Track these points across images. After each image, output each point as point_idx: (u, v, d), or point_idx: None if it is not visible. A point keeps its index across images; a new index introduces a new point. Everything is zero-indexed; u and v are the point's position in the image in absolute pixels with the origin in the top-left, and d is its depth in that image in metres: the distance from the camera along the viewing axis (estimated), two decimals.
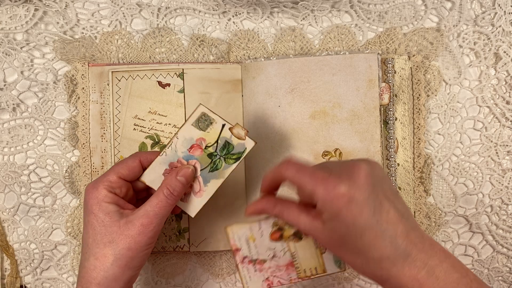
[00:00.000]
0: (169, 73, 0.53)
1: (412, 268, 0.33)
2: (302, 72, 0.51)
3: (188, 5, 0.54)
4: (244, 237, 0.44)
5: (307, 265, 0.43)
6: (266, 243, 0.44)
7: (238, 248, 0.44)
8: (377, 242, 0.34)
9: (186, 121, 0.44)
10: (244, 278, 0.44)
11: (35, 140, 0.55)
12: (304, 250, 0.43)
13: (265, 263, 0.44)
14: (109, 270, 0.40)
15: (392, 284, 0.34)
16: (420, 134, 0.52)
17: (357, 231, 0.34)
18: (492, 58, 0.54)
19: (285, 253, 0.44)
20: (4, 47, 0.54)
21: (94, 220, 0.41)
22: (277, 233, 0.44)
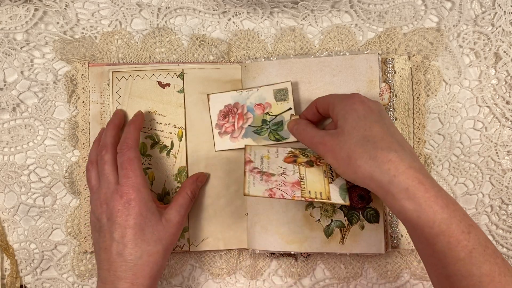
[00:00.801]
0: (169, 73, 0.53)
1: (420, 173, 0.36)
2: (302, 73, 0.51)
3: (188, 5, 0.54)
4: (260, 154, 0.47)
5: (312, 188, 0.44)
6: (279, 163, 0.46)
7: (251, 160, 0.46)
8: (386, 135, 0.39)
9: (272, 85, 0.50)
10: (248, 183, 0.44)
11: (35, 140, 0.55)
12: (313, 175, 0.45)
13: (273, 176, 0.45)
14: (159, 263, 0.45)
15: (400, 181, 0.36)
16: (420, 134, 0.52)
17: (368, 122, 0.40)
18: (492, 58, 0.54)
19: (295, 173, 0.45)
20: (4, 47, 0.54)
21: (143, 222, 0.44)
22: (291, 158, 0.47)
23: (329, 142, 0.41)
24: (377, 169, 0.37)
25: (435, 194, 0.36)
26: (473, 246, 0.35)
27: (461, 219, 0.36)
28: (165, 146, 0.53)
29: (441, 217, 0.35)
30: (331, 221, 0.50)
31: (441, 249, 0.35)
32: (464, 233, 0.35)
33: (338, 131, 0.41)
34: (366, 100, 0.42)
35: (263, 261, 0.54)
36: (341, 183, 0.45)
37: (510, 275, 0.35)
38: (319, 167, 0.46)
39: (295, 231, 0.51)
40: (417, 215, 0.36)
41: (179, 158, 0.53)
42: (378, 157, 0.37)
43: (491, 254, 0.35)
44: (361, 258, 0.54)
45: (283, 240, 0.51)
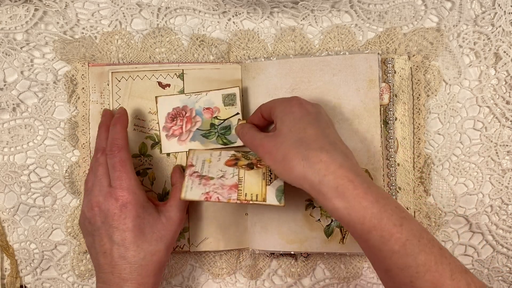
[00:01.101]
0: (169, 74, 0.53)
1: (349, 171, 0.37)
2: (302, 72, 0.51)
3: (188, 5, 0.54)
4: (202, 158, 0.48)
5: (249, 190, 0.45)
6: (220, 166, 0.47)
7: (192, 164, 0.47)
8: (319, 137, 0.40)
9: (220, 89, 0.51)
10: (186, 187, 0.45)
11: (35, 140, 0.55)
12: (251, 178, 0.46)
13: (211, 180, 0.46)
14: (162, 260, 0.45)
15: (330, 180, 0.37)
16: (420, 134, 0.52)
17: (303, 124, 0.41)
18: (492, 58, 0.54)
19: (234, 176, 0.46)
20: (4, 47, 0.54)
21: (141, 223, 0.44)
22: (232, 161, 0.48)
23: (267, 144, 0.41)
24: (309, 170, 0.38)
25: (364, 190, 0.36)
26: (407, 238, 0.35)
27: (392, 212, 0.36)
28: None
29: (371, 212, 0.36)
30: (331, 221, 0.50)
31: (375, 244, 0.36)
32: (396, 226, 0.36)
33: (275, 133, 0.42)
34: (304, 102, 0.44)
35: (263, 261, 0.54)
36: (279, 185, 0.45)
37: (447, 263, 0.35)
38: (258, 170, 0.46)
39: (295, 231, 0.51)
40: (348, 212, 0.36)
41: (179, 158, 0.53)
42: (310, 158, 0.38)
43: (426, 244, 0.36)
44: (361, 258, 0.54)
45: (283, 240, 0.51)
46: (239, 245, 0.53)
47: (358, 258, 0.54)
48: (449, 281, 0.35)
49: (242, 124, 0.48)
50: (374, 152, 0.50)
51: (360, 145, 0.50)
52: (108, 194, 0.44)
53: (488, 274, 0.54)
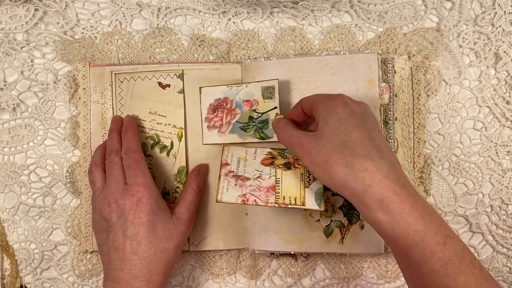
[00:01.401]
0: (169, 74, 0.53)
1: (396, 183, 0.35)
2: (302, 72, 0.51)
3: (188, 5, 0.54)
4: (237, 156, 0.47)
5: (287, 193, 0.43)
6: (256, 165, 0.46)
7: (227, 162, 0.46)
8: (364, 142, 0.38)
9: (261, 81, 0.50)
10: (221, 188, 0.44)
11: (35, 140, 0.55)
12: (289, 179, 0.44)
13: (248, 180, 0.45)
14: (171, 260, 0.46)
15: (374, 191, 0.35)
16: (420, 134, 0.52)
17: (348, 126, 0.39)
18: (492, 58, 0.54)
19: (271, 177, 0.44)
20: (4, 47, 0.54)
21: (154, 218, 0.45)
22: (269, 159, 0.46)
23: (307, 144, 0.40)
24: (352, 178, 0.36)
25: (411, 205, 0.35)
26: (449, 258, 0.34)
27: (437, 231, 0.35)
28: (165, 146, 0.53)
29: (415, 229, 0.35)
30: (331, 221, 0.50)
31: (416, 261, 0.35)
32: (440, 245, 0.35)
33: (317, 134, 0.40)
34: (349, 102, 0.41)
35: (263, 261, 0.54)
36: (318, 187, 0.44)
37: (487, 285, 0.35)
38: (296, 170, 0.45)
39: (295, 231, 0.51)
40: (391, 226, 0.35)
41: (179, 158, 0.53)
42: (354, 165, 0.36)
43: (468, 265, 0.35)
44: (361, 258, 0.54)
45: (283, 240, 0.51)
46: (239, 245, 0.53)
47: (358, 258, 0.54)
48: None
49: (279, 119, 0.46)
50: None
51: None
52: (124, 190, 0.45)
53: None
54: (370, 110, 0.42)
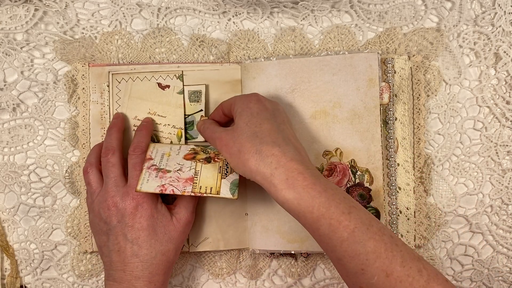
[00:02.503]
0: (168, 75, 0.53)
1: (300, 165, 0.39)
2: (302, 72, 0.51)
3: (188, 5, 0.54)
4: (162, 152, 0.49)
5: (204, 183, 0.46)
6: (178, 160, 0.48)
7: (151, 157, 0.48)
8: (273, 132, 0.42)
9: (188, 86, 0.52)
10: (142, 179, 0.45)
11: (35, 140, 0.55)
12: (207, 171, 0.46)
13: (168, 173, 0.46)
14: (172, 261, 0.47)
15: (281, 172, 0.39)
16: (420, 134, 0.52)
17: (259, 119, 0.42)
18: (492, 58, 0.54)
19: (191, 170, 0.47)
20: (4, 47, 0.54)
21: (155, 223, 0.45)
22: (191, 154, 0.49)
23: (225, 137, 0.43)
24: (261, 163, 0.39)
25: (313, 181, 0.38)
26: (355, 225, 0.36)
27: (340, 201, 0.37)
28: None
29: (319, 201, 0.37)
30: None
31: (325, 232, 0.37)
32: (345, 214, 0.37)
33: (233, 127, 0.43)
34: (262, 99, 0.45)
35: (263, 261, 0.54)
36: (234, 178, 0.46)
37: (398, 250, 0.36)
38: (215, 164, 0.47)
39: (295, 230, 0.51)
40: (297, 202, 0.38)
41: None
42: (263, 152, 0.40)
43: (376, 232, 0.37)
44: None
45: (284, 240, 0.51)
46: (239, 245, 0.53)
47: None
48: (400, 267, 0.35)
49: (203, 120, 0.50)
50: (374, 152, 0.50)
51: (360, 144, 0.50)
52: (125, 193, 0.45)
53: (488, 274, 0.54)
54: (282, 108, 0.47)
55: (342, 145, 0.50)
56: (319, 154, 0.51)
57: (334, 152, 0.51)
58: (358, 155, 0.50)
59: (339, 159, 0.51)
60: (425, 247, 0.54)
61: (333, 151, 0.51)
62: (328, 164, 0.51)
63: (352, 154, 0.50)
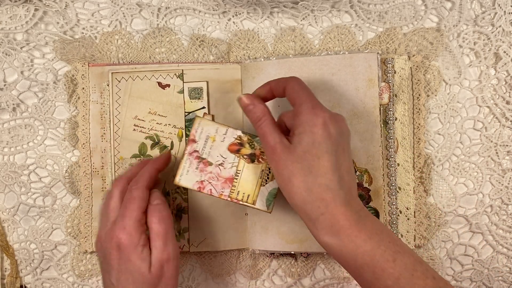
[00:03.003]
0: (168, 74, 0.53)
1: (348, 210, 0.37)
2: (301, 72, 0.51)
3: (188, 5, 0.54)
4: (207, 133, 0.45)
5: (242, 188, 0.44)
6: (222, 150, 0.45)
7: (195, 139, 0.45)
8: (329, 171, 0.38)
9: (187, 83, 0.51)
10: (182, 169, 0.44)
11: (35, 140, 0.55)
12: (248, 173, 0.44)
13: (210, 166, 0.44)
14: None
15: (326, 219, 0.37)
16: (420, 134, 0.52)
17: (319, 151, 0.38)
18: (492, 58, 0.54)
19: (232, 167, 0.44)
20: (4, 47, 0.54)
21: (131, 267, 0.41)
22: (236, 146, 0.45)
23: (279, 152, 0.40)
24: (309, 204, 0.38)
25: (359, 228, 0.37)
26: (400, 273, 0.36)
27: (385, 249, 0.37)
28: (165, 147, 0.53)
29: (363, 250, 0.36)
30: None
31: (368, 279, 0.37)
32: (389, 262, 0.36)
33: (290, 148, 0.40)
34: (329, 123, 0.39)
35: (263, 261, 0.54)
36: (273, 187, 0.44)
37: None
38: (258, 165, 0.45)
39: (295, 230, 0.51)
40: (340, 249, 0.37)
41: None
42: (313, 193, 0.38)
43: (420, 276, 0.36)
44: None
45: (284, 240, 0.51)
46: (239, 245, 0.53)
47: None
48: None
49: (255, 104, 0.43)
50: (373, 152, 0.50)
51: (360, 144, 0.50)
52: (109, 231, 0.43)
53: (488, 274, 0.54)
54: (347, 127, 0.42)
55: None
56: None
57: None
58: (357, 156, 0.50)
59: None
60: (425, 247, 0.54)
61: None
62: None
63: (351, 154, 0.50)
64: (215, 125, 0.45)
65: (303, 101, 0.41)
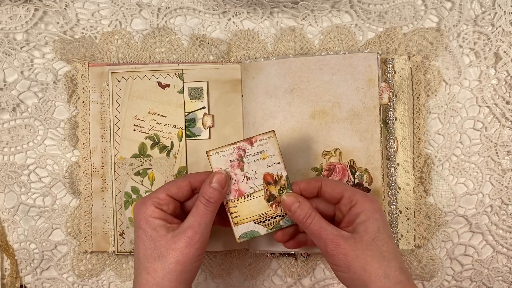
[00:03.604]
0: (168, 74, 0.53)
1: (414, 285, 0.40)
2: (301, 72, 0.51)
3: (188, 5, 0.54)
4: (264, 148, 0.45)
5: (241, 208, 0.45)
6: (260, 170, 0.45)
7: (253, 144, 0.45)
8: (398, 253, 0.41)
9: (187, 82, 0.52)
10: (223, 150, 0.44)
11: (35, 140, 0.55)
12: (256, 204, 0.45)
13: (240, 170, 0.44)
14: (160, 284, 0.40)
15: None
16: (420, 134, 0.52)
17: (385, 235, 0.40)
18: (492, 58, 0.54)
19: (252, 188, 0.45)
20: (4, 47, 0.54)
21: (143, 235, 0.42)
22: (271, 179, 0.45)
23: (343, 245, 0.40)
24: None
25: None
26: None
27: None
28: (165, 147, 0.53)
29: None
30: None
31: None
32: None
33: (356, 238, 0.40)
34: (380, 207, 0.42)
35: (263, 261, 0.54)
36: (257, 232, 0.45)
37: None
38: (267, 207, 0.45)
39: None
40: None
41: (179, 158, 0.52)
42: (391, 277, 0.39)
43: None
44: None
45: None
46: (239, 245, 0.53)
47: None
48: None
49: (301, 201, 0.43)
50: (373, 152, 0.50)
51: (360, 144, 0.50)
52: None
53: (488, 274, 0.54)
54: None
55: (341, 145, 0.50)
56: (318, 154, 0.51)
57: (333, 152, 0.51)
58: (357, 155, 0.50)
59: (339, 159, 0.51)
60: (425, 247, 0.54)
61: (332, 151, 0.51)
62: (327, 164, 0.51)
63: (351, 154, 0.50)
64: (276, 150, 0.45)
65: (350, 191, 0.43)
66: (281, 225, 0.45)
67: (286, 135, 0.51)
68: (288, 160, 0.51)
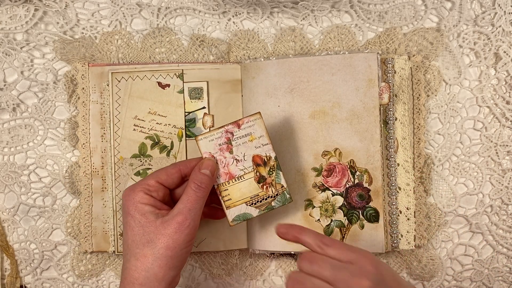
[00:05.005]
0: (168, 74, 0.53)
1: None
2: (301, 72, 0.51)
3: (188, 5, 0.54)
4: (252, 131, 0.46)
5: (233, 191, 0.45)
6: (249, 152, 0.46)
7: (240, 126, 0.46)
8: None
9: (187, 82, 0.52)
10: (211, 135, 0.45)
11: (35, 140, 0.55)
12: (247, 186, 0.46)
13: (229, 153, 0.45)
14: (150, 270, 0.40)
15: None
16: (420, 134, 0.52)
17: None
18: (492, 58, 0.54)
19: (242, 170, 0.45)
20: (4, 47, 0.54)
21: (131, 221, 0.42)
22: (260, 160, 0.46)
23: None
24: None
25: None
26: None
27: None
28: (165, 147, 0.53)
29: None
30: (331, 221, 0.50)
31: None
32: None
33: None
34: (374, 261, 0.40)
35: (263, 261, 0.54)
36: (250, 214, 0.46)
37: None
38: (258, 188, 0.46)
39: None
40: None
41: (179, 158, 0.53)
42: None
43: None
44: None
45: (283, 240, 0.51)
46: (239, 245, 0.53)
47: None
48: None
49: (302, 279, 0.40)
50: (373, 152, 0.50)
51: (360, 144, 0.50)
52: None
53: (488, 274, 0.54)
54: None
55: (341, 145, 0.50)
56: (318, 154, 0.51)
57: (333, 152, 0.51)
58: (357, 156, 0.50)
59: (338, 159, 0.51)
60: (425, 247, 0.54)
61: (332, 151, 0.51)
62: (327, 164, 0.51)
63: (351, 154, 0.50)
64: (264, 132, 0.46)
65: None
66: (272, 206, 0.46)
67: (286, 135, 0.51)
68: (288, 160, 0.51)
